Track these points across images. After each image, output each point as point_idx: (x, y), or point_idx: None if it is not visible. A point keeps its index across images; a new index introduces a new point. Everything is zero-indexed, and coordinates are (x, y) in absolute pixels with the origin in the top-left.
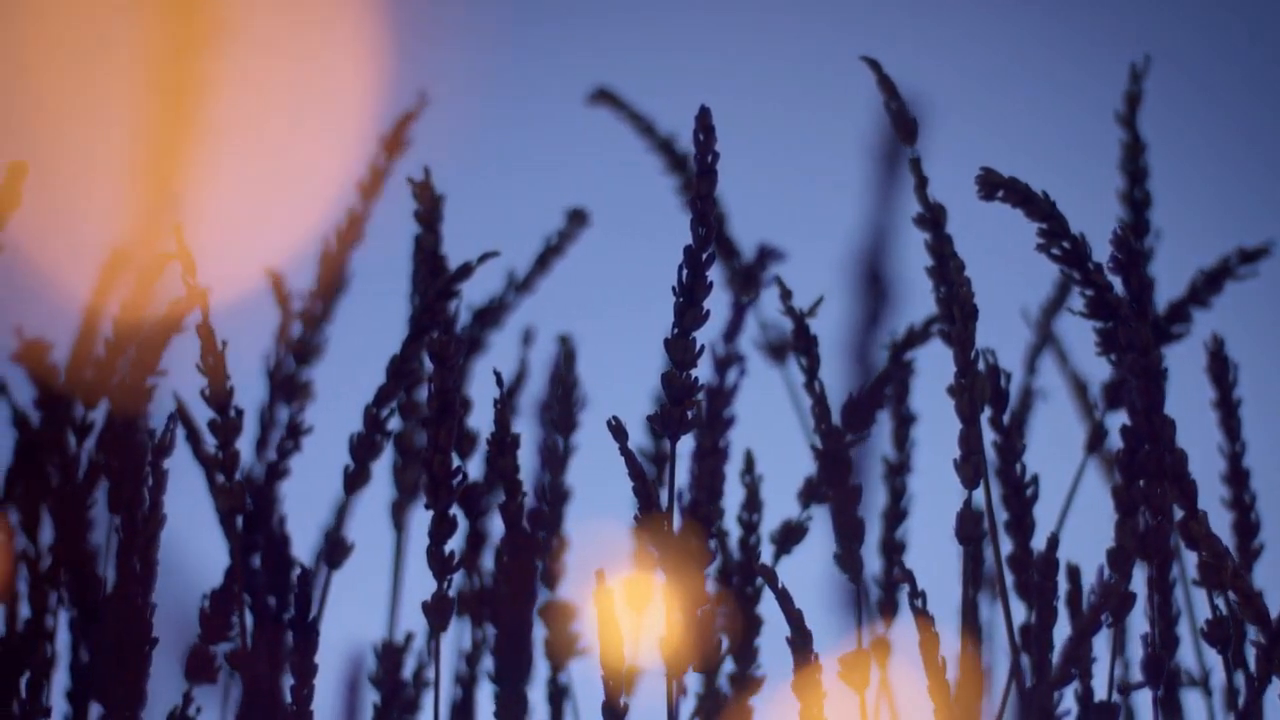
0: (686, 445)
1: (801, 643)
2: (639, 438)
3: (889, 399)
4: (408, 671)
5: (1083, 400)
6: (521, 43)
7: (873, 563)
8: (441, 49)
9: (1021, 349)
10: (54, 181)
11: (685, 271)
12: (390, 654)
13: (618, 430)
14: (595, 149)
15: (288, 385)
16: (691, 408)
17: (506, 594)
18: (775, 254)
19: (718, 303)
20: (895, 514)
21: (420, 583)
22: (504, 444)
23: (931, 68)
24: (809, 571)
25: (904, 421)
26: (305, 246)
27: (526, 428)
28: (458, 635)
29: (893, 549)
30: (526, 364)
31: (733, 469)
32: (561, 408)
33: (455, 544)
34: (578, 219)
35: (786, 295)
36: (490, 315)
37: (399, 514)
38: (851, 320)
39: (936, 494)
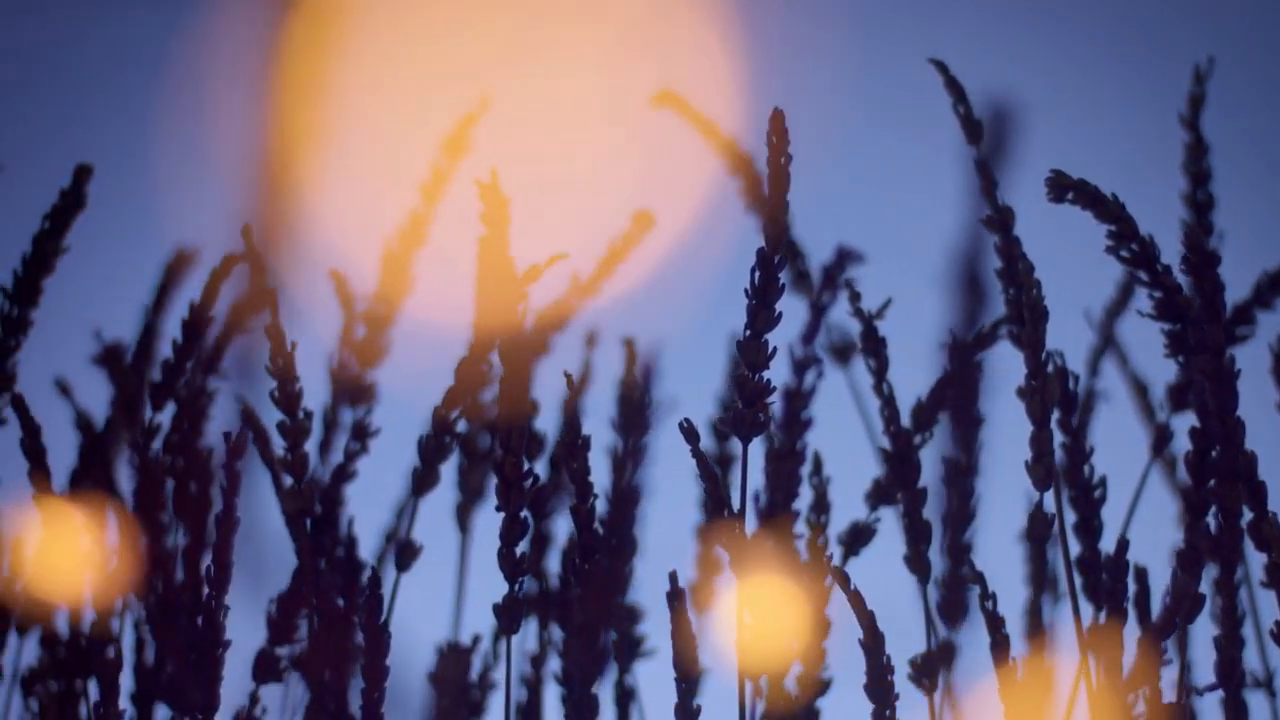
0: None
1: (874, 645)
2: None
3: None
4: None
5: (1143, 402)
6: (583, 43)
7: (937, 564)
8: (501, 50)
9: (1080, 350)
10: (114, 179)
11: (757, 273)
12: (456, 656)
13: (689, 433)
14: (657, 150)
15: (352, 387)
16: (763, 410)
17: (578, 597)
18: (854, 256)
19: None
20: (962, 516)
21: (482, 585)
22: (574, 446)
23: (997, 70)
24: (877, 573)
25: (971, 424)
26: (369, 249)
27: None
28: (521, 637)
29: (959, 551)
30: (590, 367)
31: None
32: (627, 410)
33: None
34: (643, 221)
35: (855, 297)
36: (555, 318)
37: (464, 516)
38: (949, 321)
39: (992, 495)
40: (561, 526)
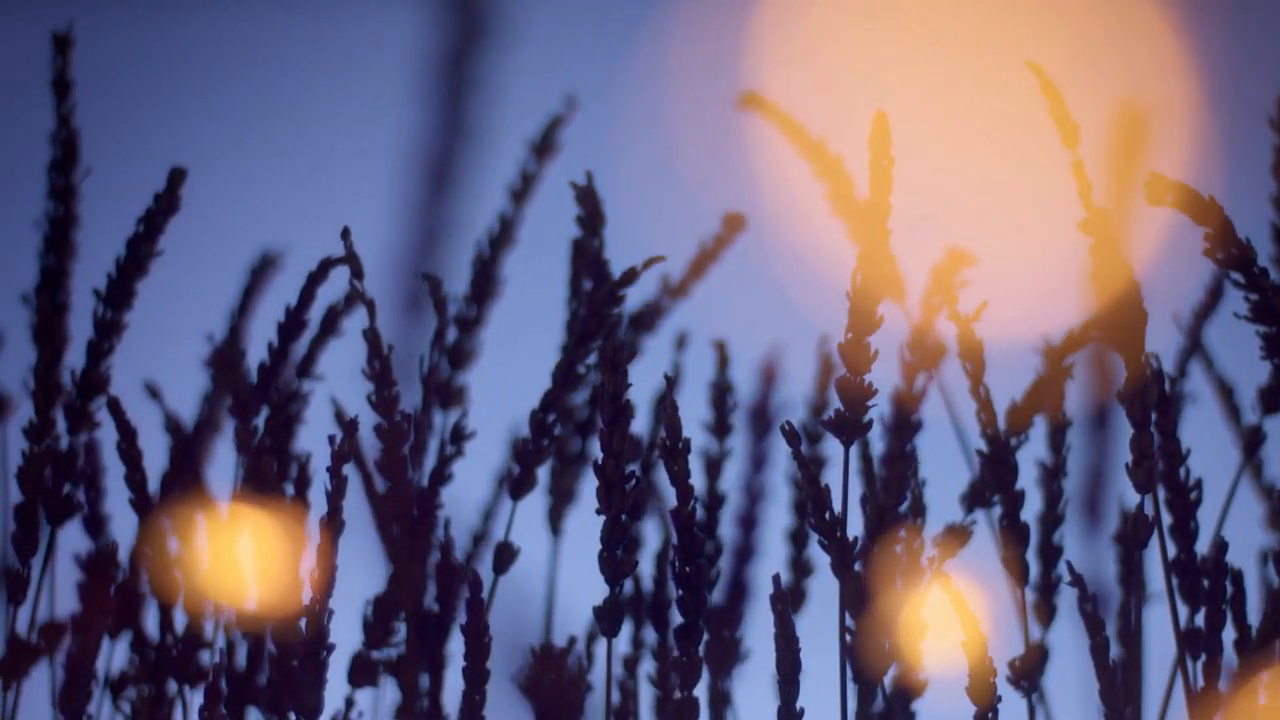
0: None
1: (976, 646)
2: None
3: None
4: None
5: (1229, 404)
6: (672, 44)
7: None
8: (589, 51)
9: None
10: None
11: (858, 276)
12: (550, 658)
13: (791, 435)
14: (744, 153)
15: (443, 390)
16: (866, 413)
17: (678, 599)
18: (966, 257)
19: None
20: (1052, 518)
21: (574, 586)
22: (675, 449)
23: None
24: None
25: (1059, 427)
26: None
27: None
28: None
29: (1051, 553)
30: (680, 369)
31: None
32: (717, 413)
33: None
34: (734, 223)
35: (951, 300)
36: (646, 320)
37: (556, 519)
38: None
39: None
40: (646, 528)
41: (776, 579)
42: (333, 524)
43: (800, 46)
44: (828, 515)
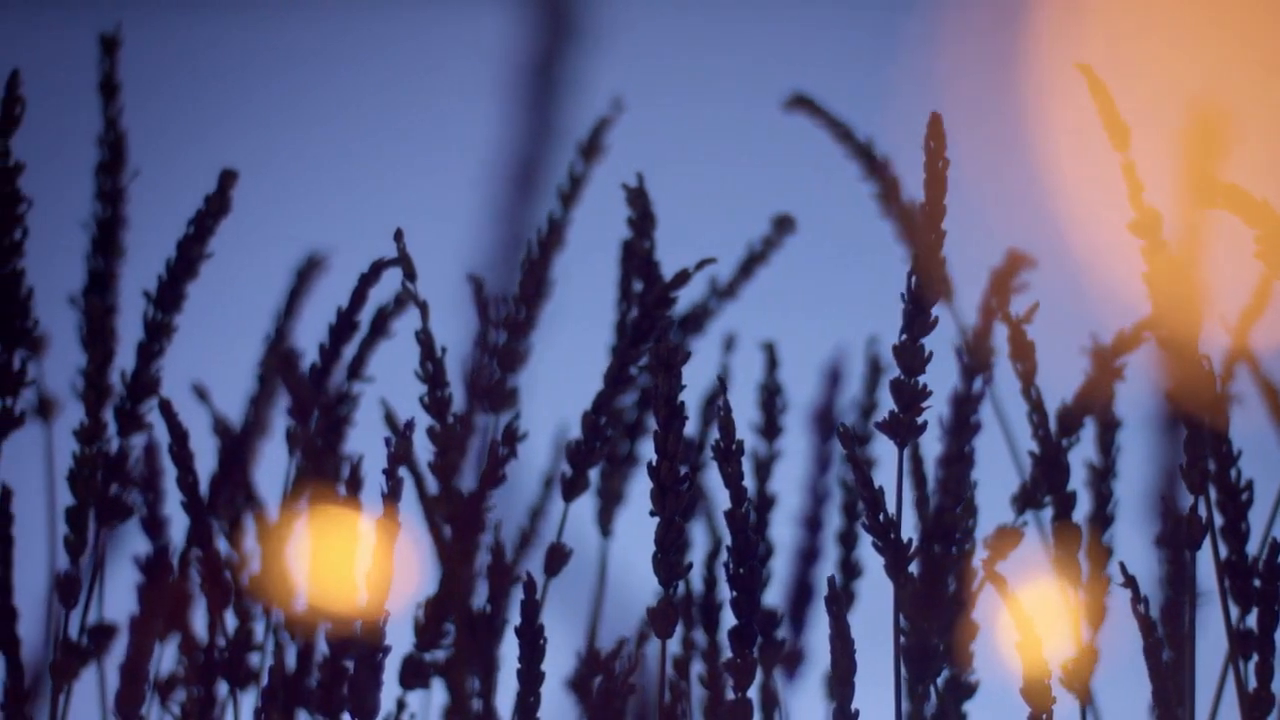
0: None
1: (1030, 647)
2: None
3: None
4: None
5: (1274, 404)
6: (720, 46)
7: None
8: (637, 53)
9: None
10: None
11: (914, 278)
12: (597, 661)
13: (847, 437)
14: (788, 154)
15: (492, 392)
16: (920, 414)
17: (732, 600)
18: (1026, 260)
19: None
20: (1101, 519)
21: (623, 587)
22: (729, 451)
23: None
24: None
25: (1109, 427)
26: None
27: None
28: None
29: (1099, 554)
30: (728, 370)
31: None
32: (766, 415)
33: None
34: (784, 225)
35: (997, 300)
36: (694, 322)
37: (606, 520)
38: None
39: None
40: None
41: (831, 581)
42: (389, 526)
43: (848, 48)
44: (881, 517)
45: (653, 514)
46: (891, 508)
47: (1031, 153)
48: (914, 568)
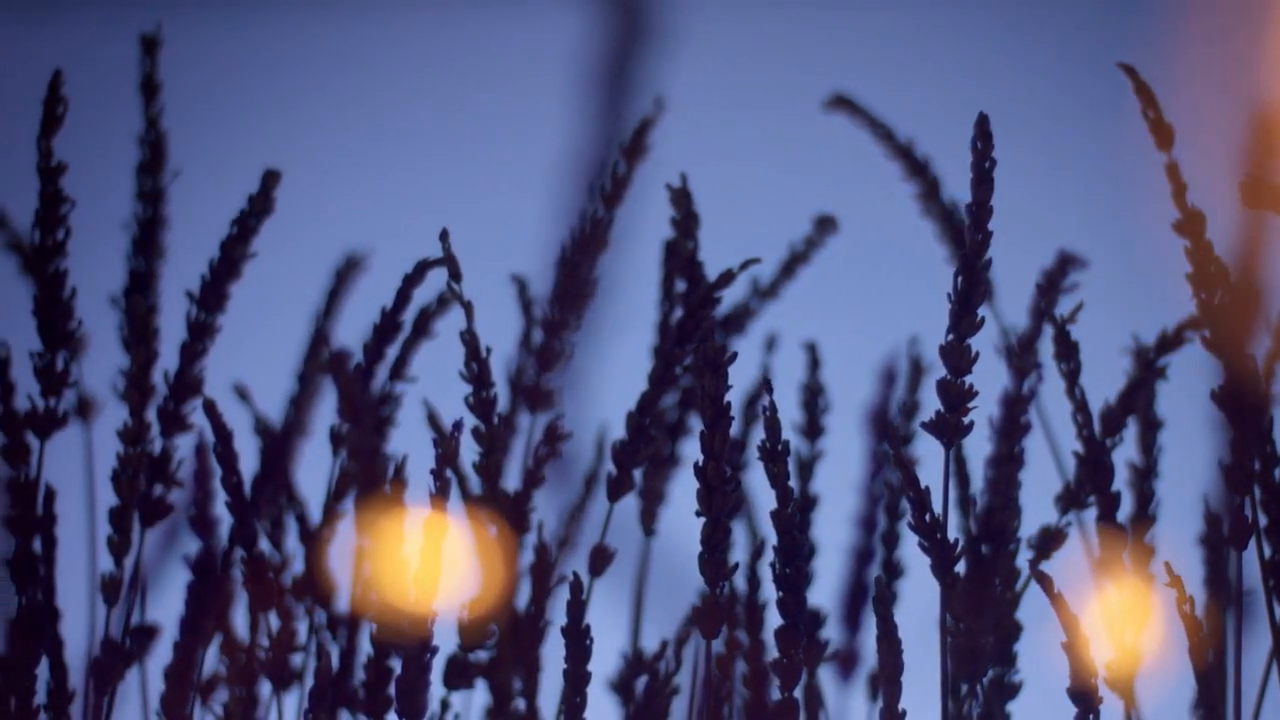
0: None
1: (1077, 646)
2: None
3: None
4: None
5: None
6: (760, 47)
7: None
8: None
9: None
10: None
11: (960, 278)
12: (641, 661)
13: (892, 437)
14: (826, 154)
15: (532, 393)
16: (966, 414)
17: (778, 600)
18: (1076, 261)
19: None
20: (1143, 519)
21: (662, 589)
22: (775, 451)
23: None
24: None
25: (1150, 426)
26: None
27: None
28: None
29: (1142, 554)
30: (769, 371)
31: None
32: (808, 414)
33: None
34: (826, 226)
35: (1047, 301)
36: (736, 322)
37: (649, 520)
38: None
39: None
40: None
41: (879, 581)
42: (437, 526)
43: (886, 49)
44: (928, 517)
45: (699, 514)
46: (937, 508)
47: (1071, 153)
48: (959, 567)
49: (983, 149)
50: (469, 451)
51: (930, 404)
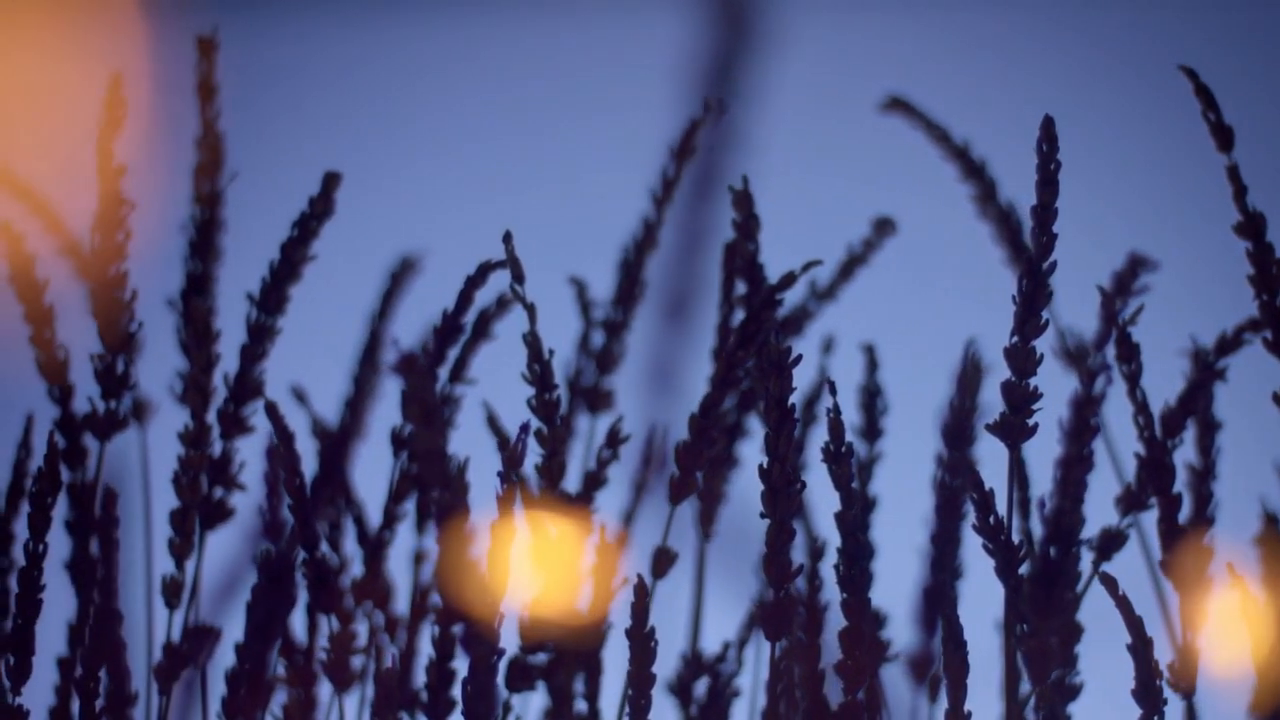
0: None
1: (1143, 649)
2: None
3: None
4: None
5: None
6: (814, 48)
7: None
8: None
9: None
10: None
11: (1025, 281)
12: (699, 664)
13: (954, 438)
14: (882, 156)
15: (590, 394)
16: (1031, 416)
17: (842, 602)
18: (1147, 262)
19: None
20: (1202, 521)
21: (719, 591)
22: (838, 453)
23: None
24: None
25: (1209, 428)
26: (604, 255)
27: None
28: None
29: (1201, 555)
30: (826, 372)
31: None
32: (867, 416)
33: None
34: (884, 227)
35: (1110, 302)
36: (794, 324)
37: (707, 522)
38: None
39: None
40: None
41: (944, 583)
42: (504, 528)
43: (945, 51)
44: (992, 519)
45: (763, 516)
46: (1002, 510)
47: (1130, 155)
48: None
49: (1048, 151)
50: (528, 453)
51: (987, 406)
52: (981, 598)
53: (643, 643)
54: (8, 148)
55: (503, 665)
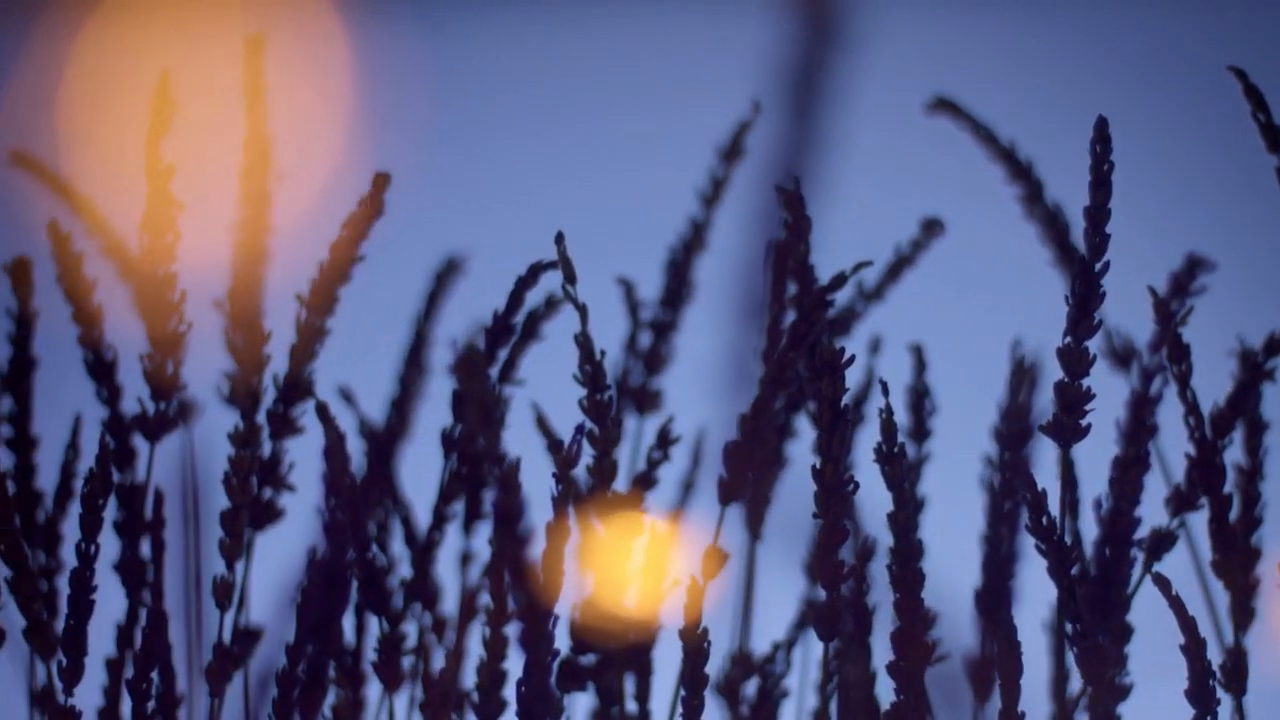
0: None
1: (1197, 650)
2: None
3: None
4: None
5: None
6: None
7: None
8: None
9: None
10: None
11: (1078, 281)
12: (748, 664)
13: (1006, 438)
14: (924, 157)
15: (638, 395)
16: (1083, 416)
17: (895, 602)
18: (1205, 263)
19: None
20: (1249, 521)
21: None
22: (891, 454)
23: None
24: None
25: (1256, 428)
26: (651, 256)
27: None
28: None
29: (1249, 555)
30: (873, 373)
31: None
32: (915, 417)
33: None
34: (933, 228)
35: (1165, 303)
36: (841, 324)
37: (755, 522)
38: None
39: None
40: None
41: (1001, 581)
42: (559, 530)
43: (998, 51)
44: (1044, 519)
45: (815, 516)
46: (1054, 510)
47: (1178, 155)
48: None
49: (1101, 152)
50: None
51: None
52: (1026, 598)
53: (696, 643)
54: (52, 147)
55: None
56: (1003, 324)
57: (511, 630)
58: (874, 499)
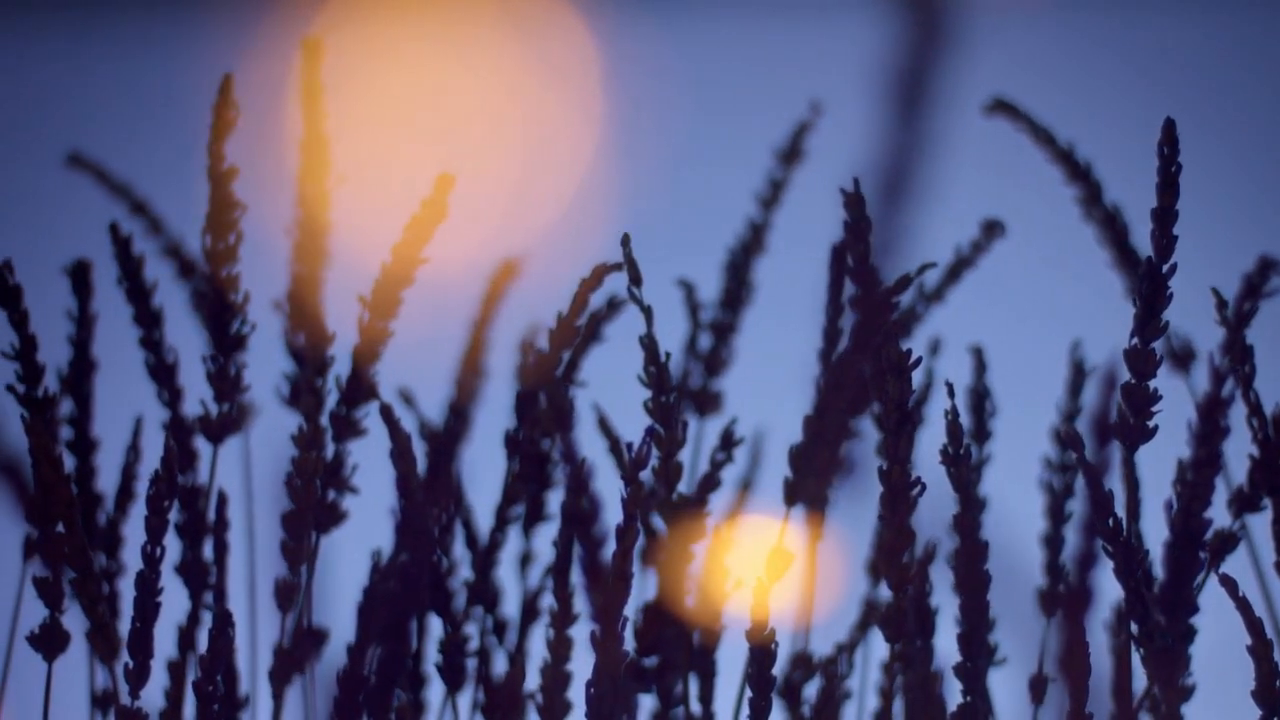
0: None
1: (1263, 651)
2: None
3: None
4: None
5: None
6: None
7: None
8: (834, 57)
9: None
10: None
11: (1145, 283)
12: (810, 665)
13: (1074, 440)
14: (982, 159)
15: (698, 397)
16: (1151, 418)
17: (961, 604)
18: (1277, 265)
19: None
20: None
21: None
22: (957, 456)
23: None
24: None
25: None
26: (709, 258)
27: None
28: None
29: None
30: (933, 375)
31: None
32: (976, 418)
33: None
34: (993, 230)
35: (1222, 305)
36: (902, 326)
37: (815, 525)
38: None
39: None
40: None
41: (1069, 583)
42: (629, 533)
43: (1040, 50)
44: (1111, 520)
45: (881, 518)
46: (1120, 512)
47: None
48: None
49: (1169, 154)
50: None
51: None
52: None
53: (764, 644)
54: (115, 149)
55: None
56: (1055, 326)
57: (576, 632)
58: (931, 499)
